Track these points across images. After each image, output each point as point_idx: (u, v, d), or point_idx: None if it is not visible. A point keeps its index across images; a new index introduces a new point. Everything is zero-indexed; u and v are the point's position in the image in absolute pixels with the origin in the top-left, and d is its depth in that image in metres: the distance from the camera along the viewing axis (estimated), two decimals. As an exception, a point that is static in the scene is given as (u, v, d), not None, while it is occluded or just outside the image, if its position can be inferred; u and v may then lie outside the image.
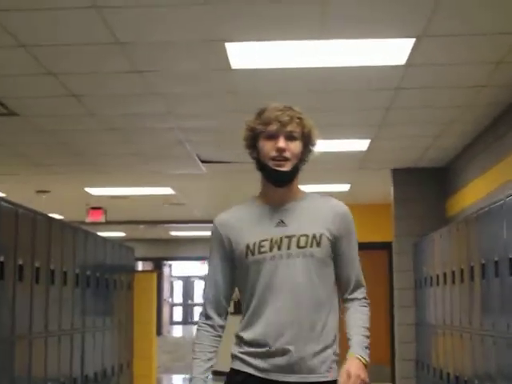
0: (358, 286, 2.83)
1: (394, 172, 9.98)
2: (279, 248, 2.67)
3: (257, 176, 2.78)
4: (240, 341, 2.75)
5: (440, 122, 7.51)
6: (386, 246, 12.79)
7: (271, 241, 2.68)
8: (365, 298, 2.83)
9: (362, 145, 8.48)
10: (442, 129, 7.76)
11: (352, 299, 2.81)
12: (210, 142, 8.33)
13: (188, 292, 37.43)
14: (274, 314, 2.66)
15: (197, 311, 36.69)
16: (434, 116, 7.29)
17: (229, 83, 6.15)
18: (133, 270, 9.98)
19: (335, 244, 2.75)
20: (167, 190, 11.46)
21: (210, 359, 2.84)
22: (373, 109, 7.02)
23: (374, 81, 6.17)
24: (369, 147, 8.54)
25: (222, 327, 2.88)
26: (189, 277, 37.14)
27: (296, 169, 2.73)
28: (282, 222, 2.72)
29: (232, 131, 7.64)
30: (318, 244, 2.69)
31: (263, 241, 2.69)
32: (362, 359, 2.64)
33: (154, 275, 10.41)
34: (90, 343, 7.72)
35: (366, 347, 2.70)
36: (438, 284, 8.04)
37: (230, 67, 5.67)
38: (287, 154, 2.67)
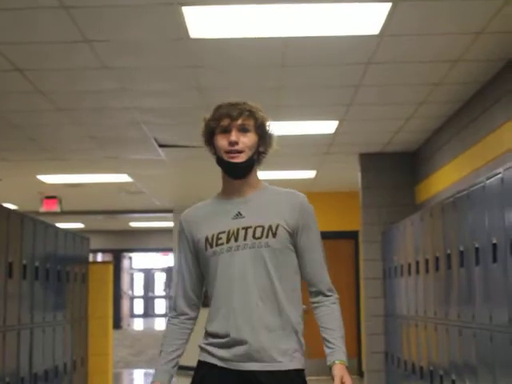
0: (323, 282, 2.85)
1: (362, 157, 9.57)
2: (236, 239, 2.74)
3: (215, 163, 2.84)
4: (205, 333, 2.82)
5: (412, 102, 7.10)
6: (352, 235, 12.48)
7: (228, 233, 2.75)
8: (331, 291, 2.85)
9: (329, 127, 8.04)
10: (412, 110, 7.35)
11: (318, 293, 2.84)
12: (169, 124, 7.82)
13: (149, 284, 36.95)
14: (230, 305, 2.72)
15: (158, 304, 36.30)
16: (406, 96, 6.89)
17: (188, 55, 5.67)
18: (87, 261, 9.46)
19: (295, 236, 2.79)
20: (124, 178, 10.94)
21: (174, 350, 2.89)
22: (341, 86, 6.58)
23: (343, 54, 5.74)
24: (336, 130, 8.11)
25: (192, 319, 2.93)
26: (150, 269, 36.69)
27: (251, 160, 2.78)
28: (240, 213, 2.78)
29: (192, 111, 7.17)
30: (274, 235, 2.73)
31: (221, 233, 2.76)
32: (344, 363, 2.72)
33: (110, 266, 9.90)
34: (39, 339, 7.21)
35: (344, 351, 2.77)
36: (409, 273, 7.66)
37: (188, 36, 5.18)
38: (240, 147, 2.74)
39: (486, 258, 5.00)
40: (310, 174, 10.86)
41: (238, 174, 2.79)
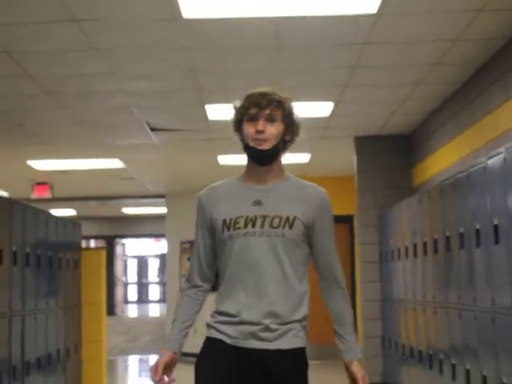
0: (337, 276, 2.96)
1: (357, 140, 9.44)
2: (253, 226, 2.83)
3: (209, 147, 3.26)
4: (215, 311, 2.94)
5: (409, 83, 6.97)
6: (347, 220, 12.36)
7: (246, 218, 2.84)
8: (344, 285, 2.97)
9: (324, 110, 7.91)
10: (409, 91, 7.22)
11: (331, 284, 2.96)
12: (160, 107, 7.68)
13: (142, 271, 36.85)
14: (243, 287, 2.84)
15: (152, 290, 36.22)
16: (402, 76, 6.76)
17: (180, 36, 5.52)
18: (79, 248, 9.31)
19: (310, 230, 2.89)
20: (116, 163, 10.79)
21: (186, 321, 3.03)
22: (337, 67, 6.44)
23: (339, 34, 5.60)
24: (332, 113, 7.98)
25: (205, 291, 3.04)
26: (143, 255, 36.58)
27: (277, 149, 2.88)
28: (260, 201, 2.86)
29: (184, 93, 7.03)
30: (291, 226, 2.83)
31: (239, 217, 2.85)
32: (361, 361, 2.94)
33: (103, 252, 9.74)
34: (32, 327, 7.08)
35: (357, 347, 3.00)
36: (407, 256, 7.55)
37: (180, 16, 5.03)
38: (266, 135, 2.83)
39: (488, 239, 4.87)
40: (305, 157, 10.73)
41: (263, 160, 2.87)
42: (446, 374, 6.01)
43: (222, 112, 7.71)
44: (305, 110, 7.89)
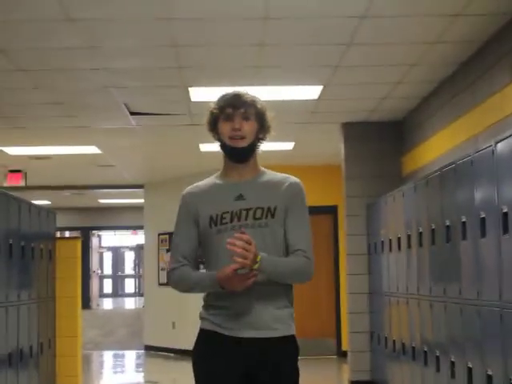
0: (303, 247, 3.04)
1: (345, 126, 9.07)
2: (239, 219, 2.99)
3: (191, 133, 3.27)
4: (207, 304, 3.09)
5: (404, 64, 6.61)
6: (331, 210, 12.02)
7: (231, 213, 3.01)
8: (309, 256, 3.03)
9: (312, 92, 7.53)
10: (404, 73, 6.86)
11: (297, 252, 3.03)
12: (140, 88, 7.24)
13: (118, 263, 36.35)
14: None
15: (128, 283, 35.75)
16: (398, 56, 6.40)
17: (162, 7, 5.11)
18: (54, 237, 8.87)
19: (286, 216, 3.04)
20: (93, 149, 10.34)
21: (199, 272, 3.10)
22: (330, 44, 6.04)
23: (334, 6, 5.21)
24: (320, 96, 7.59)
25: (193, 268, 3.12)
26: (119, 247, 36.08)
27: (252, 146, 3.05)
28: (241, 195, 3.03)
29: (165, 73, 6.63)
30: (273, 215, 3.01)
31: (225, 213, 3.01)
32: (260, 260, 2.87)
33: (78, 242, 9.31)
34: (2, 320, 6.64)
35: (273, 266, 2.93)
36: (399, 248, 7.19)
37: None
38: (242, 133, 3.00)
39: (474, 232, 4.70)
40: (288, 145, 10.35)
41: (240, 158, 3.05)
42: (431, 366, 5.98)
43: (205, 94, 7.31)
44: (292, 92, 7.52)
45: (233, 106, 3.01)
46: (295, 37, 5.84)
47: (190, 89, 7.19)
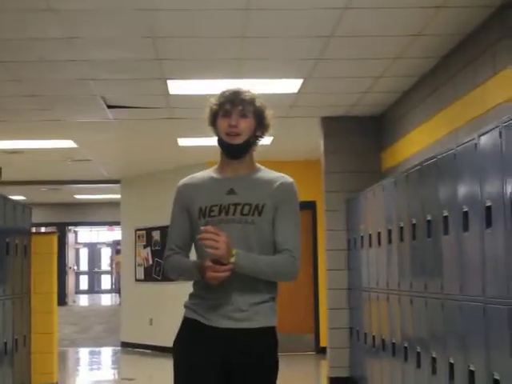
0: (290, 246, 3.07)
1: (324, 121, 9.00)
2: (226, 213, 3.05)
3: (169, 127, 3.19)
4: (191, 294, 3.17)
5: (386, 57, 6.53)
6: (309, 206, 11.96)
7: (220, 206, 3.07)
8: (295, 255, 3.07)
9: (292, 86, 7.44)
10: (386, 66, 6.79)
11: (284, 251, 3.07)
12: (119, 80, 7.12)
13: (94, 259, 36.10)
14: None
15: (104, 280, 35.55)
16: (381, 49, 6.32)
17: (142, -5, 5.01)
18: (29, 232, 8.73)
19: (275, 215, 3.08)
20: (69, 144, 10.18)
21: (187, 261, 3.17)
22: (312, 37, 5.96)
23: (318, -2, 5.13)
24: (300, 89, 7.51)
25: (186, 256, 3.21)
26: (95, 243, 35.85)
27: (248, 143, 3.10)
28: (233, 190, 3.08)
29: (144, 65, 6.52)
30: (260, 213, 3.05)
31: (214, 206, 3.07)
32: (235, 255, 2.93)
33: (54, 238, 9.17)
34: (-24, 317, 6.52)
35: (251, 262, 2.97)
36: (379, 243, 7.13)
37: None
38: (238, 130, 3.05)
39: (456, 227, 4.71)
40: (266, 140, 10.22)
41: (235, 154, 3.10)
42: (411, 362, 5.94)
43: (184, 87, 7.21)
44: (272, 86, 7.43)
45: (231, 103, 3.06)
46: (277, 28, 5.74)
47: (168, 81, 7.09)
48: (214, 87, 7.19)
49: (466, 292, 4.69)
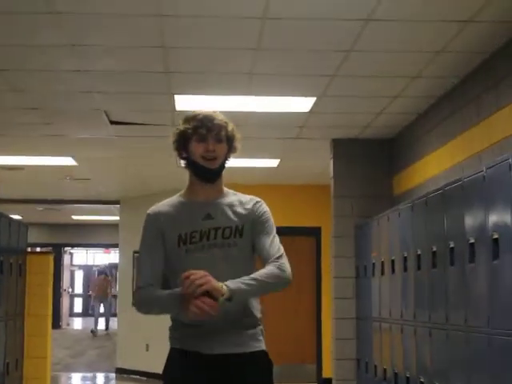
0: (272, 253, 3.04)
1: (335, 143, 8.68)
2: (208, 238, 3.03)
3: (171, 145, 3.12)
4: (176, 324, 3.10)
5: (405, 75, 6.24)
6: (313, 232, 11.63)
7: (201, 232, 3.04)
8: (280, 257, 3.02)
9: (304, 104, 7.13)
10: (403, 86, 6.49)
11: (269, 261, 3.03)
12: (124, 93, 6.80)
13: (89, 282, 35.64)
14: None
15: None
16: (400, 66, 6.04)
17: (151, 2, 4.70)
18: (25, 252, 8.40)
19: (254, 231, 3.08)
20: (68, 161, 9.85)
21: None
22: (329, 51, 5.66)
23: (339, 7, 4.82)
24: (312, 108, 7.20)
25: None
26: (91, 266, 35.41)
27: (222, 166, 3.12)
28: (209, 215, 3.07)
29: (152, 78, 6.22)
30: (241, 234, 3.07)
31: (194, 232, 3.04)
32: (226, 290, 2.83)
33: (51, 258, 8.85)
34: (-34, 339, 6.17)
35: (243, 285, 2.88)
36: (393, 271, 6.78)
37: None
38: (215, 154, 3.06)
39: (464, 257, 4.58)
40: (273, 163, 9.94)
41: (211, 178, 3.10)
42: None
43: (191, 103, 6.90)
44: (282, 104, 7.14)
45: (206, 128, 3.04)
46: (293, 40, 5.42)
47: (175, 97, 6.78)
48: (221, 104, 6.94)
49: (493, 325, 4.38)
